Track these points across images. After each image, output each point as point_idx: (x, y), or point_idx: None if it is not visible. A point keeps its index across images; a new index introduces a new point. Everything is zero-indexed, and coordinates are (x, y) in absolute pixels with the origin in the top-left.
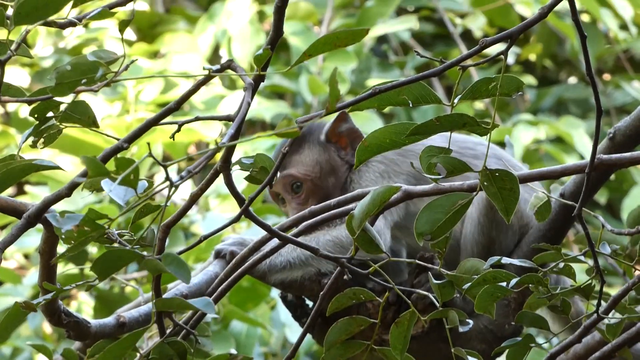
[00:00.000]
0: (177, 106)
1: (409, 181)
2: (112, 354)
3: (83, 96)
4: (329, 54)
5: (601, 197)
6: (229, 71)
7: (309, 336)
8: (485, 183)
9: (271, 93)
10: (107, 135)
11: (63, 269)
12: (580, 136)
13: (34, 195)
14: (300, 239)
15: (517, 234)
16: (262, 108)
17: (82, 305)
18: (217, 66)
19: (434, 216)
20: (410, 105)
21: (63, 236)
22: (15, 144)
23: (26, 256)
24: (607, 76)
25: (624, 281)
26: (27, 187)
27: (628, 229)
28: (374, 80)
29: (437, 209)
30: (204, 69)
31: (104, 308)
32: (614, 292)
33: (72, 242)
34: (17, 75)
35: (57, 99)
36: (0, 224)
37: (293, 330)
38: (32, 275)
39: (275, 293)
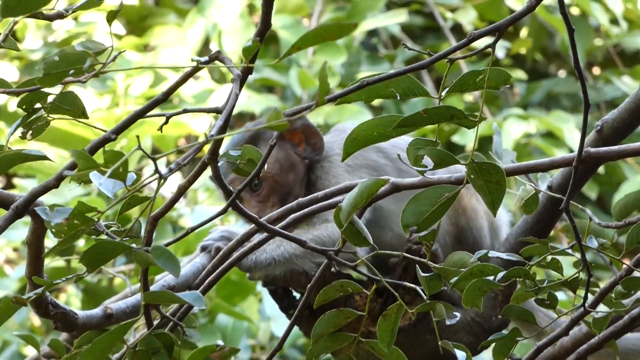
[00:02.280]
0: (164, 97)
1: (370, 174)
2: (100, 345)
3: (72, 89)
4: (318, 48)
5: (592, 192)
6: (218, 63)
7: (296, 328)
8: (472, 176)
9: (261, 87)
10: (96, 128)
11: (50, 261)
12: (570, 130)
13: (23, 188)
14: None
15: (486, 218)
16: (252, 101)
17: (71, 298)
18: (206, 58)
19: (420, 208)
20: (398, 98)
21: (53, 230)
22: (4, 137)
23: (15, 250)
24: (597, 70)
25: (612, 273)
26: (15, 180)
27: (616, 222)
28: (364, 74)
29: (423, 201)
30: (192, 60)
31: (91, 300)
32: (601, 285)
33: (63, 235)
34: (6, 70)
35: (45, 90)
36: None
37: (279, 324)
38: (20, 268)
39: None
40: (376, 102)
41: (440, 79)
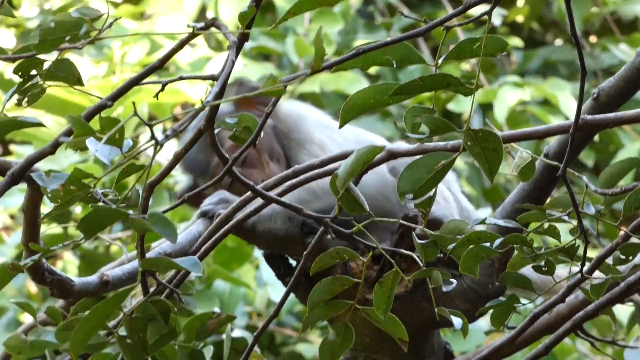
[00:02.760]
0: (160, 64)
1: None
2: (97, 313)
3: (68, 56)
4: (315, 16)
5: (588, 159)
6: (214, 30)
7: (292, 296)
8: (468, 143)
9: (257, 55)
10: (92, 95)
11: (47, 228)
12: (566, 98)
13: (19, 154)
14: None
15: None
16: (248, 69)
17: (67, 265)
18: (202, 24)
19: (416, 175)
20: (394, 66)
21: (49, 195)
22: (0, 104)
23: (12, 216)
24: (593, 38)
25: (598, 243)
26: (12, 147)
27: (612, 189)
28: (360, 42)
29: (420, 168)
30: (188, 26)
31: (88, 267)
32: (596, 253)
33: (59, 201)
34: (3, 37)
35: (41, 56)
36: None
37: (276, 290)
38: (17, 235)
39: (259, 253)
40: (373, 70)
41: (437, 47)
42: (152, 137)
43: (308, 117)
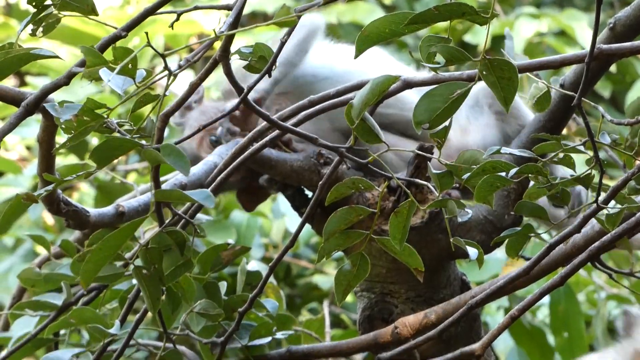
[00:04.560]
0: None
1: None
2: (110, 243)
3: None
4: None
5: (604, 90)
6: None
7: (308, 228)
8: (484, 72)
9: None
10: (107, 25)
11: (63, 159)
12: (583, 29)
13: (35, 86)
14: None
15: None
16: (265, 1)
17: (84, 197)
18: None
19: (432, 105)
20: None
21: (63, 126)
22: (15, 35)
23: (28, 148)
24: None
25: (624, 173)
26: (28, 78)
27: (628, 119)
28: None
29: (436, 97)
30: None
31: (105, 198)
32: (613, 183)
33: (72, 131)
34: None
35: None
36: (2, 115)
37: (293, 221)
38: (33, 166)
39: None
40: (388, 1)
41: None
42: (166, 67)
43: None
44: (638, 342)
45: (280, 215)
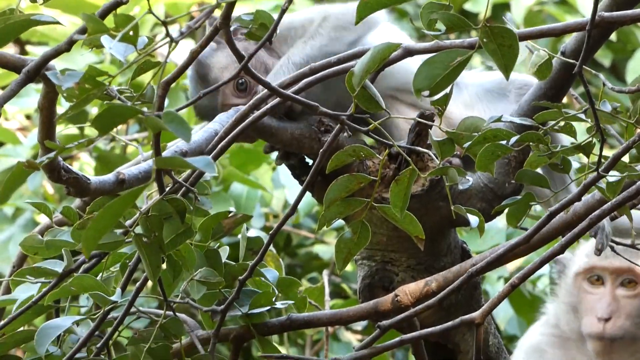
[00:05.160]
0: None
1: None
2: (111, 210)
3: None
4: None
5: (605, 59)
6: None
7: (309, 197)
8: (484, 40)
9: None
10: None
11: (63, 128)
12: None
13: (36, 55)
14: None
15: None
16: None
17: (84, 166)
18: None
19: (433, 72)
20: None
21: (64, 94)
22: (15, 2)
23: (27, 117)
24: None
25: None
26: (28, 47)
27: (630, 87)
28: None
29: (436, 64)
30: None
31: (104, 168)
32: (613, 152)
33: (74, 99)
34: None
35: None
36: (2, 84)
37: (293, 191)
38: (32, 136)
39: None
40: None
41: None
42: (167, 34)
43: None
44: (575, 262)
45: (280, 186)
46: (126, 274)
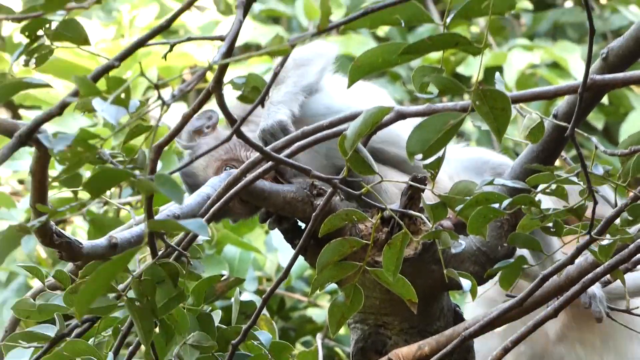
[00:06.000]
0: (168, 24)
1: None
2: (103, 274)
3: (79, 19)
4: None
5: (598, 122)
6: None
7: (302, 260)
8: (477, 102)
9: (267, 18)
10: (99, 56)
11: (57, 192)
12: (576, 60)
13: (28, 119)
14: None
15: None
16: (257, 33)
17: (77, 230)
18: None
19: (425, 135)
20: (403, 25)
21: (57, 157)
22: (8, 66)
23: (20, 182)
24: (603, 0)
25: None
26: (21, 111)
27: (621, 149)
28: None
29: (428, 128)
30: None
31: (98, 232)
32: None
33: (66, 162)
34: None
35: (48, 17)
36: None
37: (286, 255)
38: (26, 200)
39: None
40: (382, 33)
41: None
42: (159, 97)
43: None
44: None
45: (273, 249)
46: (119, 338)
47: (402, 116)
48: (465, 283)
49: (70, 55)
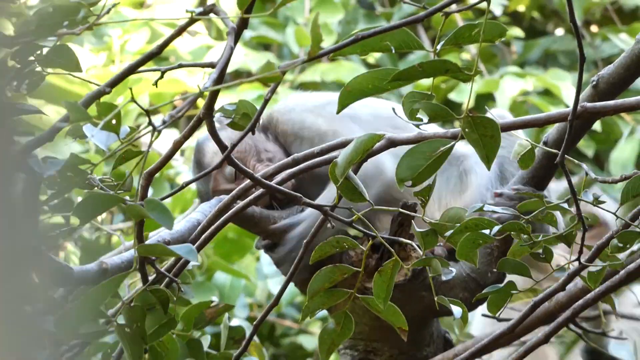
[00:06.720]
0: (159, 50)
1: None
2: (92, 298)
3: (70, 45)
4: (315, 6)
5: (588, 149)
6: (212, 16)
7: (293, 287)
8: (466, 130)
9: (257, 45)
10: (91, 82)
11: (47, 217)
12: (567, 88)
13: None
14: None
15: None
16: (248, 59)
17: (70, 256)
18: (201, 9)
19: (414, 162)
20: (393, 51)
21: (46, 182)
22: None
23: None
24: (595, 28)
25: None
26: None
27: (612, 177)
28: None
29: (418, 155)
30: (186, 11)
31: (89, 258)
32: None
33: (56, 187)
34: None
35: (39, 42)
36: None
37: (276, 282)
38: None
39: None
40: (373, 60)
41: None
42: (150, 123)
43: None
44: None
45: (264, 276)
46: None
47: (392, 143)
48: (456, 310)
49: (62, 82)
